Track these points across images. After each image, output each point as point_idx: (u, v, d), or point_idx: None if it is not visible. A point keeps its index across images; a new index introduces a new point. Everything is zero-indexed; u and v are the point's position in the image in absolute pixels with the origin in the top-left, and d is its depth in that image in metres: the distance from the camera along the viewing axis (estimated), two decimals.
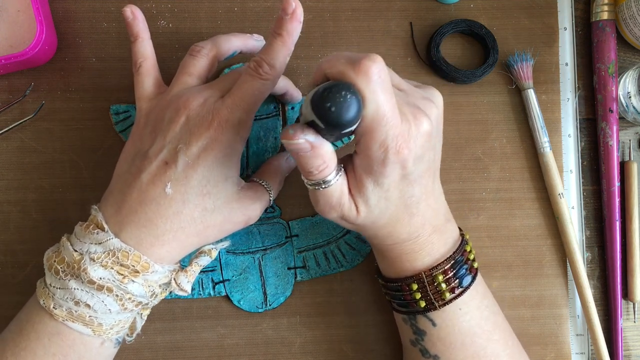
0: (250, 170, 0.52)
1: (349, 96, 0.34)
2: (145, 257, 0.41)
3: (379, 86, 0.35)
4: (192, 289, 0.51)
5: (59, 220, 0.51)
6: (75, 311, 0.41)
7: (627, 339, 0.54)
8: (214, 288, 0.51)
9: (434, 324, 0.44)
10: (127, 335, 0.45)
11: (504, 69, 0.54)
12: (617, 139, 0.54)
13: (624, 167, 0.55)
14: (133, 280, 0.41)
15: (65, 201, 0.51)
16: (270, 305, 0.51)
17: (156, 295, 0.43)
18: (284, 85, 0.49)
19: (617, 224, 0.54)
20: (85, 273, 0.40)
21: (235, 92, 0.42)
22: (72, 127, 0.52)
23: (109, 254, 0.40)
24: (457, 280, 0.43)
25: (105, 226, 0.41)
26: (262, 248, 0.52)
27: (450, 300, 0.43)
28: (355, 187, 0.39)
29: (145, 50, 0.46)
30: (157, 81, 0.46)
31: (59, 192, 0.51)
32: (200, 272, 0.51)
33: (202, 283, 0.51)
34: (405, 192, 0.40)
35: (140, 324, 0.45)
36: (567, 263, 0.54)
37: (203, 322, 0.52)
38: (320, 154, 0.37)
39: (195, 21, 0.53)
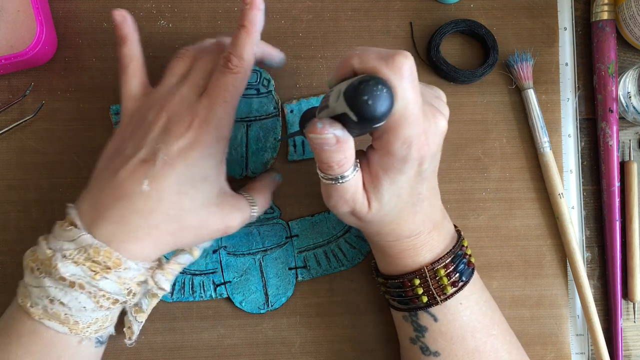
0: (250, 170, 0.52)
1: (385, 90, 0.33)
2: (116, 253, 0.40)
3: (410, 83, 0.36)
4: (194, 292, 0.51)
5: (58, 220, 0.51)
6: (51, 309, 0.41)
7: (627, 339, 0.54)
8: (215, 290, 0.51)
9: (435, 319, 0.44)
10: (128, 338, 0.45)
11: (504, 69, 0.54)
12: (617, 139, 0.54)
13: (624, 167, 0.55)
14: (105, 277, 0.40)
15: (65, 201, 0.51)
16: (272, 306, 0.51)
17: (134, 293, 0.42)
18: (258, 50, 0.48)
19: (617, 224, 0.54)
20: (56, 270, 0.40)
21: (210, 91, 0.42)
22: (72, 127, 0.52)
23: (80, 250, 0.40)
24: (458, 274, 0.44)
25: (79, 223, 0.41)
26: (263, 249, 0.52)
27: (452, 295, 0.44)
28: (370, 183, 0.40)
29: (133, 52, 0.46)
30: (143, 82, 0.46)
31: (59, 192, 0.51)
32: (202, 274, 0.51)
33: (203, 285, 0.51)
34: (415, 190, 0.41)
35: (137, 327, 0.45)
36: (567, 263, 0.54)
37: (203, 322, 0.52)
38: (343, 148, 0.37)
39: (195, 21, 0.53)
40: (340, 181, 0.39)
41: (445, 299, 0.44)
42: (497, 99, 0.54)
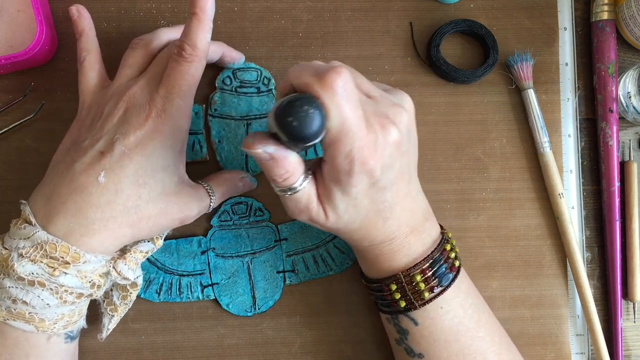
0: (250, 169, 0.52)
1: (311, 111, 0.34)
2: (74, 247, 0.40)
3: (344, 99, 0.36)
4: (181, 293, 0.51)
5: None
6: (14, 309, 0.40)
7: (627, 339, 0.54)
8: (202, 291, 0.51)
9: (415, 323, 0.44)
10: (100, 332, 0.46)
11: (504, 69, 0.54)
12: (617, 139, 0.54)
13: (624, 167, 0.55)
14: (65, 272, 0.40)
15: None
16: (259, 309, 0.51)
17: (98, 285, 0.42)
18: (216, 49, 0.49)
19: (617, 224, 0.54)
20: (13, 270, 0.40)
21: (166, 81, 0.42)
22: None
23: (36, 247, 0.40)
24: (436, 279, 0.43)
25: (33, 219, 0.41)
26: (251, 251, 0.52)
27: (430, 300, 0.43)
28: (323, 194, 0.40)
29: (90, 45, 0.47)
30: (101, 75, 0.47)
31: None
32: (189, 275, 0.51)
33: (190, 286, 0.51)
34: (376, 199, 0.40)
35: (107, 321, 0.45)
36: (567, 263, 0.54)
37: (203, 322, 0.52)
38: (282, 164, 0.37)
39: None
40: (289, 193, 0.39)
41: (423, 304, 0.43)
42: (497, 99, 0.54)
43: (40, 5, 0.49)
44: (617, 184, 0.54)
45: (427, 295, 0.43)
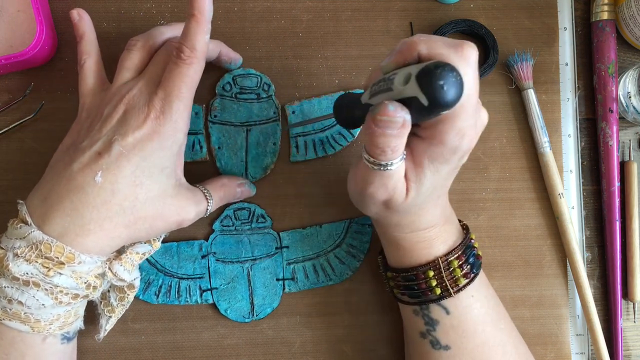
0: (250, 175, 0.52)
1: (459, 77, 0.33)
2: (69, 247, 0.40)
3: (475, 74, 0.36)
4: (179, 296, 0.51)
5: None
6: (10, 309, 0.40)
7: (627, 339, 0.54)
8: (201, 296, 0.51)
9: (447, 312, 0.44)
10: (97, 333, 0.46)
11: (504, 69, 0.54)
12: (617, 139, 0.54)
13: (624, 167, 0.55)
14: (59, 273, 0.40)
15: None
16: (257, 315, 0.51)
17: (94, 286, 0.42)
18: (213, 48, 0.49)
19: (617, 224, 0.54)
20: (8, 270, 0.40)
21: (165, 83, 0.42)
22: None
23: (32, 247, 0.40)
24: (469, 266, 0.44)
25: (28, 219, 0.41)
26: (252, 258, 0.52)
27: (464, 286, 0.44)
28: (412, 172, 0.39)
29: (90, 48, 0.47)
30: (101, 78, 0.47)
31: None
32: (189, 278, 0.51)
33: (189, 290, 0.51)
34: (446, 181, 0.41)
35: (105, 322, 0.45)
36: (567, 263, 0.54)
37: (203, 322, 0.52)
38: (404, 134, 0.36)
39: None
40: (389, 168, 0.38)
41: (458, 291, 0.44)
42: (497, 99, 0.54)
43: (40, 6, 0.49)
44: (617, 184, 0.54)
45: (462, 281, 0.44)
